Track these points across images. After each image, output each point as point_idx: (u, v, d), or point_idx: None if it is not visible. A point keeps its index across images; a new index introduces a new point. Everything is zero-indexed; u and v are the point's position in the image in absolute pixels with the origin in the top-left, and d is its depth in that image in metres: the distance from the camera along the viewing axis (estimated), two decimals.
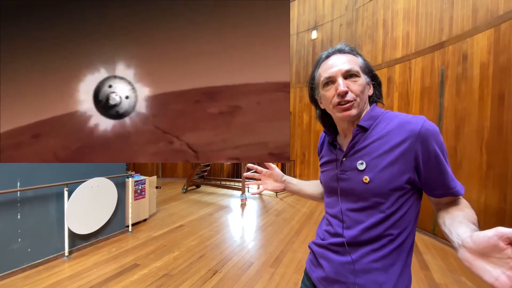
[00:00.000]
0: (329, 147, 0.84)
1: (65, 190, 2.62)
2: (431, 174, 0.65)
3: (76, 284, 2.22)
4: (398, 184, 0.65)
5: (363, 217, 0.70)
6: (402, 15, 4.06)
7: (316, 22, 6.01)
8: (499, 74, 2.68)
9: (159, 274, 2.39)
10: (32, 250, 2.47)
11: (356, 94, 0.70)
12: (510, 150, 2.53)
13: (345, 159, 0.75)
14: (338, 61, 0.73)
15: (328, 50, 0.78)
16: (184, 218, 4.07)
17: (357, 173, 0.71)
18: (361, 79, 0.72)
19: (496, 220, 2.62)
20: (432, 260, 2.80)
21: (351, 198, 0.73)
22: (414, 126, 0.65)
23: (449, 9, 3.33)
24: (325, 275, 0.76)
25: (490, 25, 2.80)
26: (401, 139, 0.65)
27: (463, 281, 2.39)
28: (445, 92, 3.35)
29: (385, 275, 0.67)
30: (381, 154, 0.68)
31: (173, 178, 7.94)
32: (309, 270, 0.86)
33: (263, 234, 3.47)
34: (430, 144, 0.63)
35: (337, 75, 0.71)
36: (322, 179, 0.87)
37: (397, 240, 0.68)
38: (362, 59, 0.76)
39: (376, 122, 0.72)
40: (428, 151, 0.63)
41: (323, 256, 0.78)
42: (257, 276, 2.40)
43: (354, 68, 0.71)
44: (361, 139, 0.72)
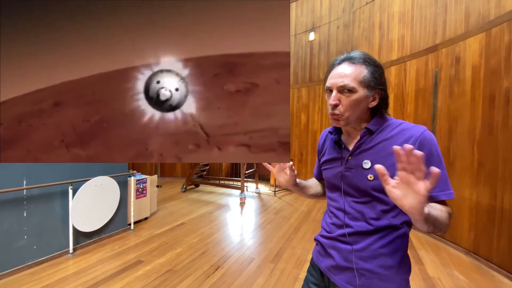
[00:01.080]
0: (334, 146, 0.91)
1: (70, 189, 2.68)
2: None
3: (82, 280, 2.28)
4: None
5: (367, 209, 0.78)
6: (398, 18, 4.17)
7: (313, 24, 6.11)
8: (490, 76, 2.79)
9: (163, 270, 2.46)
10: (38, 248, 2.52)
11: (345, 108, 0.78)
12: (500, 149, 2.64)
13: (351, 157, 0.83)
14: (341, 72, 0.79)
15: (343, 55, 0.84)
16: (185, 217, 4.13)
17: (362, 170, 0.79)
18: (356, 94, 0.77)
19: (487, 216, 2.74)
20: (426, 255, 2.91)
21: (355, 192, 0.81)
22: (415, 132, 0.74)
23: (442, 13, 3.45)
24: (335, 263, 0.84)
25: (481, 29, 2.91)
26: (403, 142, 0.73)
27: (455, 275, 2.49)
28: (438, 93, 3.46)
29: (391, 259, 0.76)
30: (385, 155, 0.76)
31: (172, 177, 7.99)
32: (316, 260, 0.94)
33: (263, 232, 3.56)
34: (426, 148, 0.70)
35: (333, 87, 0.79)
36: (325, 175, 0.95)
37: (401, 230, 0.76)
38: (370, 72, 0.78)
39: (383, 127, 0.80)
40: (425, 152, 0.69)
41: (333, 246, 0.86)
42: (258, 271, 2.48)
43: (350, 84, 0.76)
44: (367, 141, 0.81)
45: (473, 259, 2.82)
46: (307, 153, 6.33)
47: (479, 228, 2.84)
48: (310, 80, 6.25)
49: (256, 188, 6.42)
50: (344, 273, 0.81)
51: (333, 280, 0.84)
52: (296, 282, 2.29)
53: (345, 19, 5.39)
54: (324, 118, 6.00)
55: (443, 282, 2.35)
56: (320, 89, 6.05)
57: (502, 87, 2.64)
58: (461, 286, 2.31)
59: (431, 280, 2.39)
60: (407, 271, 0.79)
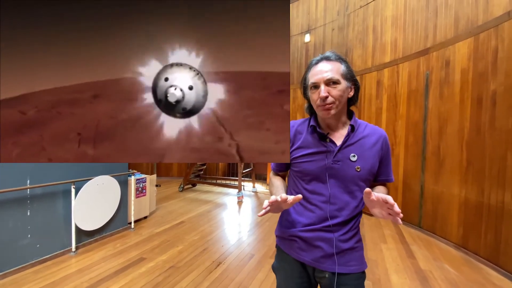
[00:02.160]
0: (317, 139, 0.96)
1: (72, 188, 2.71)
2: (383, 164, 0.97)
3: (87, 277, 2.33)
4: (374, 171, 0.94)
5: (350, 199, 0.92)
6: (391, 22, 4.31)
7: (309, 26, 6.23)
8: (478, 79, 2.94)
9: (166, 266, 2.53)
10: (41, 246, 2.56)
11: (335, 98, 0.88)
12: (487, 148, 2.78)
13: (339, 151, 0.92)
14: (323, 69, 0.89)
15: (318, 56, 0.94)
16: (184, 215, 4.19)
17: (349, 163, 0.91)
18: (341, 85, 0.88)
19: (475, 213, 2.88)
20: (418, 250, 3.04)
21: (341, 184, 0.92)
22: (382, 132, 0.98)
23: (433, 18, 3.59)
24: (323, 253, 0.91)
25: (470, 34, 3.06)
26: (376, 140, 0.95)
27: (445, 268, 2.63)
28: (429, 95, 3.60)
29: (358, 234, 0.97)
30: (366, 149, 0.93)
31: (168, 177, 8.01)
32: (297, 257, 0.96)
33: (261, 229, 3.64)
34: (388, 145, 0.97)
35: (320, 82, 0.89)
36: (305, 167, 0.96)
37: (360, 209, 0.96)
38: (346, 66, 0.91)
39: (358, 125, 0.97)
40: (386, 149, 0.97)
41: (319, 238, 0.92)
42: (259, 266, 2.57)
43: (335, 76, 0.88)
44: (351, 136, 0.94)
45: (462, 253, 2.97)
46: None
47: (468, 223, 2.99)
48: None
49: (253, 187, 6.51)
50: (332, 258, 0.91)
51: (322, 268, 0.91)
52: None
53: (340, 22, 5.51)
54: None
55: (434, 275, 2.48)
56: None
57: (489, 90, 2.78)
58: (451, 278, 2.44)
59: (423, 272, 2.52)
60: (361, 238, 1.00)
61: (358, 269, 0.93)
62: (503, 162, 2.58)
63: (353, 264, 0.92)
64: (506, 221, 2.53)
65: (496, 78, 2.70)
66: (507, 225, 2.51)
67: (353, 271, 0.92)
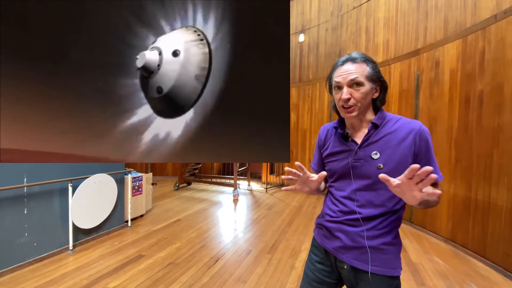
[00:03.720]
0: (340, 139, 1.01)
1: (70, 186, 2.71)
2: (422, 162, 0.86)
3: (86, 274, 2.34)
4: (403, 169, 0.84)
5: (374, 197, 0.90)
6: (383, 23, 4.43)
7: (303, 26, 6.31)
8: (465, 80, 3.06)
9: (165, 263, 2.56)
10: (38, 244, 2.55)
11: (357, 100, 0.89)
12: (474, 146, 2.91)
13: (360, 149, 0.94)
14: (347, 70, 0.90)
15: (344, 57, 0.95)
16: (180, 213, 4.21)
17: (371, 161, 0.90)
18: (364, 87, 0.89)
19: (463, 207, 3.01)
20: (409, 244, 3.16)
21: (364, 181, 0.93)
22: (415, 125, 0.89)
23: (423, 20, 3.71)
24: (342, 244, 0.95)
25: (458, 36, 3.18)
26: (405, 134, 0.88)
27: (435, 260, 2.74)
28: (420, 95, 3.73)
29: (390, 237, 0.91)
30: (391, 146, 0.88)
31: (163, 176, 7.99)
32: (321, 242, 1.04)
33: (258, 226, 3.70)
34: (424, 139, 0.87)
35: (343, 84, 0.90)
36: (331, 167, 1.03)
37: (399, 212, 0.92)
38: (371, 68, 0.90)
39: (385, 121, 0.93)
40: (422, 144, 0.87)
41: (340, 229, 0.96)
42: (257, 261, 2.62)
43: (358, 78, 0.88)
44: (373, 134, 0.92)
45: (451, 246, 3.09)
46: (297, 151, 6.53)
47: (456, 218, 3.11)
48: (300, 80, 6.45)
49: (248, 186, 6.56)
50: (351, 251, 0.93)
51: (341, 258, 0.96)
52: (292, 270, 2.45)
53: (334, 22, 5.61)
54: (313, 117, 6.21)
55: (424, 267, 2.59)
56: (309, 89, 6.25)
57: (477, 90, 2.91)
58: (440, 269, 2.55)
59: (414, 265, 2.63)
60: (400, 245, 0.95)
61: (381, 271, 0.88)
62: (490, 159, 2.71)
63: (376, 264, 0.89)
64: (493, 215, 2.66)
65: (483, 78, 2.83)
66: (493, 219, 2.64)
67: (374, 271, 0.88)
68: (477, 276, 2.45)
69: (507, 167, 2.52)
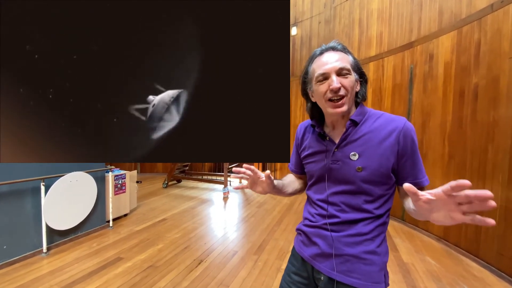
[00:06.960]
0: (318, 138, 0.90)
1: (42, 185, 2.54)
2: (406, 164, 0.77)
3: (58, 279, 2.19)
4: (385, 172, 0.77)
5: (353, 200, 0.80)
6: (376, 15, 4.28)
7: (296, 19, 6.14)
8: (460, 73, 2.95)
9: (144, 266, 2.42)
10: (8, 247, 2.39)
11: (347, 89, 0.77)
12: (468, 141, 2.80)
13: (337, 150, 0.82)
14: (331, 58, 0.79)
15: (321, 47, 0.84)
16: (167, 212, 4.06)
17: (349, 162, 0.79)
18: (352, 76, 0.79)
19: None
20: (401, 243, 3.06)
21: (341, 184, 0.82)
22: (398, 122, 0.77)
23: (418, 11, 3.58)
24: (320, 251, 0.84)
25: (453, 27, 3.05)
26: (388, 132, 0.77)
27: (427, 260, 2.65)
28: (413, 89, 3.61)
29: (373, 245, 0.79)
30: (373, 145, 0.78)
31: (153, 173, 7.81)
32: (299, 250, 0.93)
33: (246, 225, 3.58)
34: (409, 138, 0.76)
35: (331, 72, 0.77)
36: (309, 168, 0.93)
37: (382, 218, 0.80)
38: (352, 57, 0.82)
39: (365, 118, 0.82)
40: (407, 143, 0.76)
41: (317, 234, 0.86)
42: (241, 263, 2.50)
43: (346, 66, 0.78)
44: (352, 132, 0.81)
45: (444, 245, 3.01)
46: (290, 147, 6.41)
47: None
48: (293, 74, 6.30)
49: (240, 183, 6.42)
50: (329, 260, 0.82)
51: (318, 268, 0.84)
52: (278, 273, 2.33)
53: (326, 15, 5.45)
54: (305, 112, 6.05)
55: (416, 267, 2.49)
56: None
57: (471, 83, 2.79)
58: (432, 270, 2.45)
59: (405, 265, 2.53)
60: (386, 255, 0.83)
61: (361, 284, 0.77)
62: (484, 155, 2.61)
63: (355, 276, 0.78)
64: (487, 213, 2.56)
65: (478, 71, 2.71)
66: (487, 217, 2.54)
67: (353, 284, 0.77)
68: (470, 276, 2.36)
69: (502, 163, 2.42)
